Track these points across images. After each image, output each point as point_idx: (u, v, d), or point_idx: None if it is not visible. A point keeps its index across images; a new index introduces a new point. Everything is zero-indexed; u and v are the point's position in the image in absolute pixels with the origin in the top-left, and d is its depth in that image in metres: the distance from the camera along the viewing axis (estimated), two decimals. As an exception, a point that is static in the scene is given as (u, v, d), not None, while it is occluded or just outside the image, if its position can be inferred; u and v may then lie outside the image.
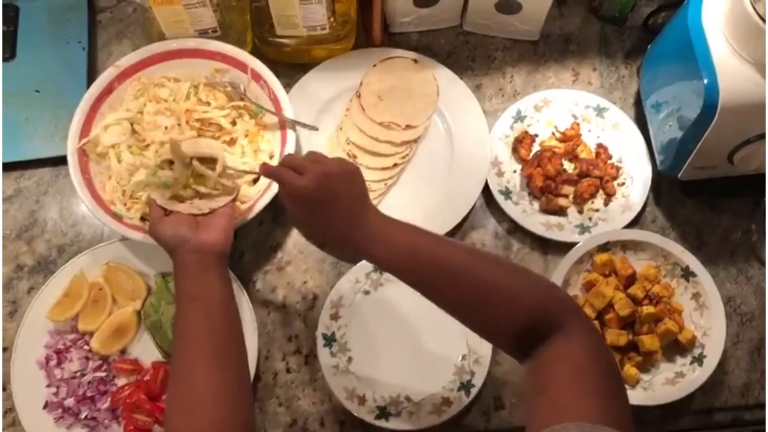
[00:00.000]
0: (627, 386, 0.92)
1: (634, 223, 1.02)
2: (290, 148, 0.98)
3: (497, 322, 0.70)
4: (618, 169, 1.04)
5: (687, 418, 0.94)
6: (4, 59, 1.10)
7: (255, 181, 0.99)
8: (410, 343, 0.96)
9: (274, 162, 0.98)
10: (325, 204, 0.74)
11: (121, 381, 0.94)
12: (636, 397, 0.90)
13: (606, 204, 1.03)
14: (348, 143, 1.05)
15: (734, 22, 0.83)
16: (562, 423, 0.57)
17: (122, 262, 0.98)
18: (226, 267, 0.81)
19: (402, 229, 0.75)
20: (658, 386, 0.92)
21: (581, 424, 0.57)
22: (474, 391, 0.92)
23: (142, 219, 0.95)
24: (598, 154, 1.05)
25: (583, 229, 1.01)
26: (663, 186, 1.05)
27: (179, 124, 1.00)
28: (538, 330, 0.67)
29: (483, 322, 0.72)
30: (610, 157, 1.05)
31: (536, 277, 0.74)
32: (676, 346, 0.94)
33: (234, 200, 0.86)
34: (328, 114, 1.08)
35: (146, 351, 0.96)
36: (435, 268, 0.71)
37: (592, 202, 1.03)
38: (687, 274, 0.96)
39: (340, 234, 0.75)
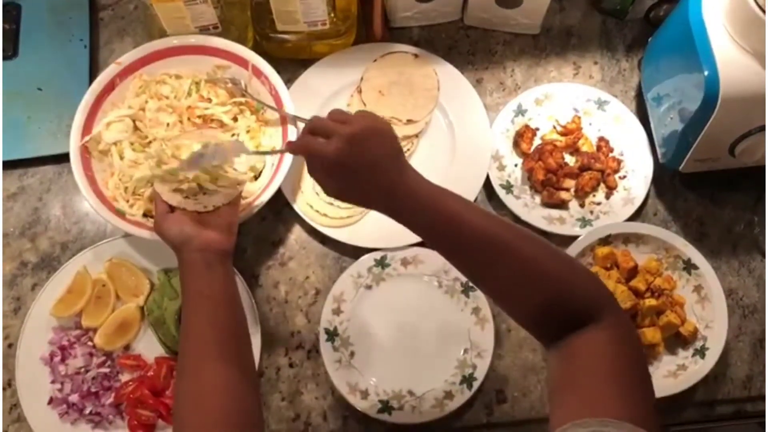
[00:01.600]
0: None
1: (635, 216, 1.02)
2: (291, 144, 0.98)
3: (529, 300, 0.68)
4: (619, 162, 1.04)
5: (689, 411, 0.94)
6: (7, 57, 1.11)
7: (256, 177, 0.99)
8: (412, 337, 0.96)
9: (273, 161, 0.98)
10: (358, 171, 0.71)
11: (124, 377, 0.95)
12: (638, 389, 0.90)
13: (607, 197, 1.03)
14: (349, 138, 1.05)
15: (735, 14, 0.82)
16: (585, 418, 0.56)
17: (125, 259, 0.99)
18: (230, 264, 0.81)
19: (443, 195, 0.72)
20: (660, 379, 0.92)
21: (604, 419, 0.57)
22: (476, 385, 0.93)
23: (145, 215, 0.96)
24: (599, 148, 1.05)
25: (585, 222, 1.01)
26: (664, 179, 1.05)
27: (181, 121, 1.00)
28: (571, 316, 0.66)
29: (515, 298, 0.69)
30: (611, 151, 1.05)
31: (577, 264, 0.71)
32: (678, 339, 0.94)
33: (238, 196, 0.86)
34: (330, 109, 1.07)
35: (149, 347, 0.96)
36: (476, 239, 0.68)
37: (594, 196, 1.03)
38: (689, 266, 0.96)
39: (377, 199, 0.72)
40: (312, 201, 1.01)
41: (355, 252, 1.00)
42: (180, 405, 0.72)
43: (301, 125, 1.02)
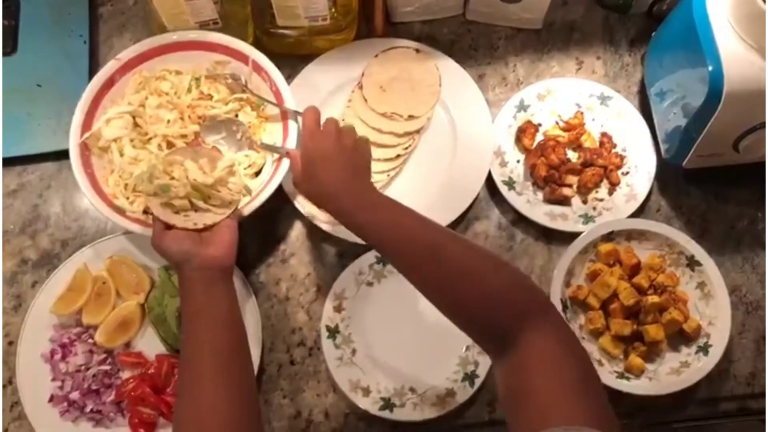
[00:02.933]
0: (632, 376, 0.91)
1: (638, 213, 1.01)
2: (292, 140, 0.97)
3: (467, 306, 0.70)
4: (622, 158, 1.04)
5: (692, 408, 0.94)
6: (6, 54, 1.10)
7: (257, 174, 0.99)
8: (414, 334, 0.96)
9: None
10: (332, 159, 0.80)
11: (125, 374, 0.95)
12: (641, 387, 0.90)
13: (610, 193, 1.02)
14: (350, 134, 1.04)
15: (739, 9, 0.82)
16: (547, 428, 0.56)
17: (125, 256, 0.98)
18: (231, 281, 0.81)
19: (391, 205, 0.79)
20: (663, 376, 0.92)
21: (568, 427, 0.56)
22: (478, 382, 0.92)
23: (145, 212, 0.95)
24: (602, 143, 1.04)
25: (587, 218, 1.00)
26: (668, 175, 1.04)
27: (182, 118, 1.00)
28: (509, 322, 0.67)
29: (454, 305, 0.72)
30: (614, 146, 1.04)
31: (511, 268, 0.73)
32: (681, 336, 0.94)
33: (237, 213, 0.85)
34: (331, 105, 1.08)
35: (150, 344, 0.96)
36: (413, 242, 0.74)
37: (597, 192, 1.03)
38: (692, 263, 0.96)
39: (335, 191, 0.79)
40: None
41: (357, 249, 0.99)
42: (179, 425, 0.72)
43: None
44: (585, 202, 1.02)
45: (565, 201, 1.02)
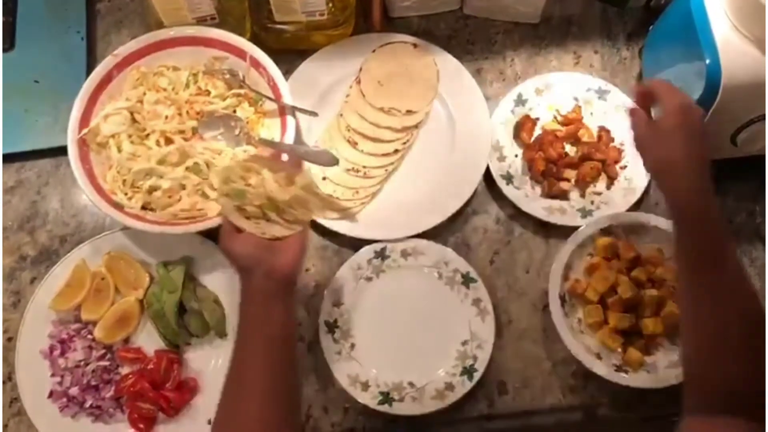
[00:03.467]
0: (630, 369, 0.91)
1: (636, 206, 1.01)
2: (290, 135, 0.97)
3: (722, 366, 0.72)
4: (620, 152, 1.03)
5: (691, 401, 0.94)
6: (3, 50, 1.10)
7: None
8: (412, 329, 0.96)
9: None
10: (699, 135, 0.79)
11: (124, 370, 0.95)
12: (639, 380, 0.90)
13: (608, 187, 1.02)
14: (348, 129, 1.04)
15: (737, 1, 0.82)
16: None
17: (124, 252, 0.98)
18: (293, 296, 0.79)
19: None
20: (661, 369, 0.92)
21: None
22: (477, 376, 0.92)
23: (143, 208, 0.95)
24: (600, 137, 1.04)
25: (586, 212, 1.00)
26: (666, 168, 1.04)
27: (180, 114, 1.00)
28: (716, 399, 0.70)
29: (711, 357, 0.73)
30: (612, 140, 1.04)
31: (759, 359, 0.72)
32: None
33: (306, 231, 0.80)
34: (328, 101, 1.08)
35: (149, 340, 0.96)
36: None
37: (595, 186, 1.03)
38: (690, 256, 0.96)
39: (696, 164, 0.79)
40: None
41: (355, 244, 0.99)
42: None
43: (300, 116, 1.02)
44: (583, 196, 1.02)
45: (563, 195, 1.02)
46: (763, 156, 0.97)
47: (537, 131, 1.05)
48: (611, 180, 1.03)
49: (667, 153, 0.78)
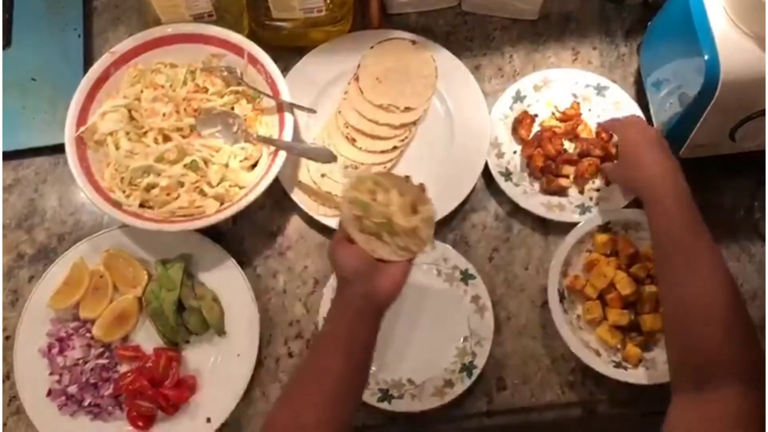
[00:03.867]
0: (629, 365, 0.91)
1: (635, 203, 1.01)
2: (288, 132, 0.97)
3: (699, 337, 0.74)
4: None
5: (690, 397, 0.94)
6: (0, 48, 1.10)
7: (253, 166, 0.99)
8: (411, 326, 0.96)
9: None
10: (655, 144, 0.90)
11: (123, 368, 0.95)
12: (638, 376, 0.90)
13: (607, 183, 1.02)
14: (347, 126, 1.04)
15: (735, -3, 0.82)
16: None
17: (122, 250, 0.98)
18: (380, 320, 0.78)
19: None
20: (660, 365, 0.92)
21: None
22: (476, 373, 0.92)
23: (141, 206, 0.95)
24: (598, 134, 1.04)
25: (584, 209, 1.00)
26: (664, 165, 1.04)
27: (177, 111, 0.99)
28: (706, 371, 0.71)
29: (687, 329, 0.76)
30: (611, 137, 1.04)
31: (749, 330, 0.76)
32: (679, 325, 0.94)
33: (410, 262, 0.79)
34: (327, 97, 1.07)
35: (148, 338, 0.96)
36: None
37: (593, 182, 1.03)
38: (689, 252, 0.96)
39: (662, 172, 0.86)
40: (310, 190, 1.01)
41: (354, 241, 0.99)
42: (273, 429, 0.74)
43: (299, 113, 1.01)
44: (582, 192, 1.02)
45: (561, 191, 1.02)
46: (761, 152, 0.97)
47: (535, 128, 1.05)
48: (610, 176, 1.03)
49: (636, 170, 0.88)
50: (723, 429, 0.67)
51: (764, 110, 0.87)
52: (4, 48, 1.10)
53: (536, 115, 1.06)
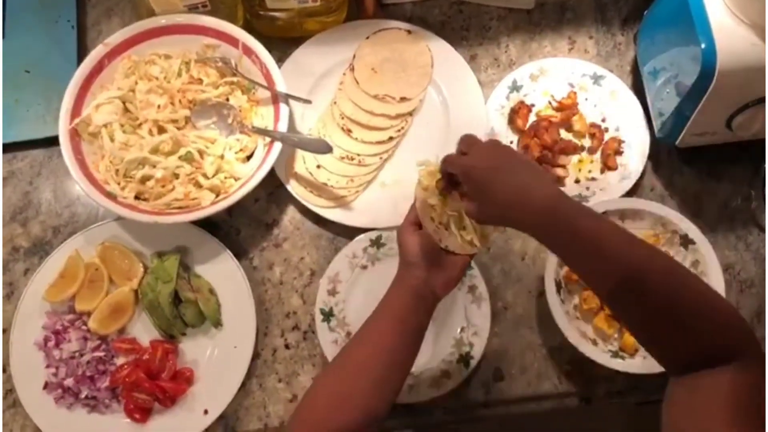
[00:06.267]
0: (626, 355, 0.91)
1: (632, 192, 1.01)
2: (284, 123, 0.97)
3: (672, 342, 0.66)
4: (620, 142, 1.03)
5: (687, 386, 0.94)
6: (-7, 39, 1.09)
7: (248, 157, 0.98)
8: (409, 317, 0.96)
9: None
10: (506, 167, 0.71)
11: (120, 360, 0.95)
12: (635, 365, 0.90)
13: (603, 172, 1.02)
14: (342, 117, 1.04)
15: (732, -16, 0.81)
16: None
17: (117, 242, 0.98)
18: (434, 308, 0.80)
19: (585, 213, 0.69)
20: (657, 355, 0.92)
21: None
22: (473, 363, 0.92)
23: (137, 198, 0.95)
24: (593, 135, 1.04)
25: (581, 198, 1.00)
26: (661, 154, 1.04)
27: (172, 103, 0.99)
28: (704, 354, 0.65)
29: (657, 336, 0.68)
30: (606, 131, 1.04)
31: (720, 302, 0.69)
32: (676, 315, 0.94)
33: (468, 257, 0.80)
34: (322, 88, 1.07)
35: (144, 330, 0.96)
36: (620, 268, 0.66)
37: (590, 172, 1.02)
38: (686, 241, 0.96)
39: (518, 197, 0.70)
40: (306, 181, 1.01)
41: (350, 232, 0.99)
42: (320, 399, 0.74)
43: (294, 104, 1.01)
44: (578, 181, 1.02)
45: (558, 181, 1.01)
46: (758, 141, 0.96)
47: (532, 117, 1.05)
48: (608, 168, 1.02)
49: (497, 195, 0.71)
50: (724, 405, 0.65)
51: (761, 98, 0.87)
52: (-3, 40, 1.09)
53: (533, 105, 1.06)
